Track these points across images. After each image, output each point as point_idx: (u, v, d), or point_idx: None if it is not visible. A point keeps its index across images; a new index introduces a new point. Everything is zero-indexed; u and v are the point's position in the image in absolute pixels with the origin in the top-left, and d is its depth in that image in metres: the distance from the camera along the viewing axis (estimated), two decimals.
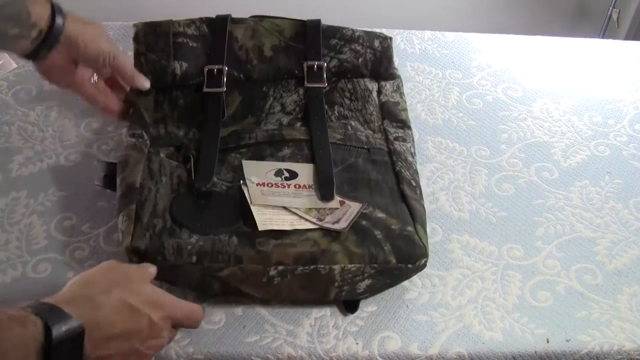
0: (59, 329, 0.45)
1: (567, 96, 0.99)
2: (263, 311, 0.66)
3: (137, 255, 0.62)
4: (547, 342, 0.64)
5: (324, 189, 0.71)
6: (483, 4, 1.84)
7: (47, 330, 0.45)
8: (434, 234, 0.75)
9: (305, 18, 0.87)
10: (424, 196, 0.78)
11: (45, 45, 0.70)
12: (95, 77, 0.78)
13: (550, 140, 0.90)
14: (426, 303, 0.67)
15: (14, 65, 0.96)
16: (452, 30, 1.14)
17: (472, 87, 1.00)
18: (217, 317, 0.65)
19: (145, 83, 0.78)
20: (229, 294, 0.64)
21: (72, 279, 0.54)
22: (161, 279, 0.63)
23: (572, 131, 0.92)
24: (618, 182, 0.84)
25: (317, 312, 0.66)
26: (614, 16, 1.74)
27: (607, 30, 1.80)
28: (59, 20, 0.69)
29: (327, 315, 0.66)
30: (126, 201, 0.66)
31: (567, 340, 0.65)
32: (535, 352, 0.64)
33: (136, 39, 0.81)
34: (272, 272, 0.62)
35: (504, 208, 0.79)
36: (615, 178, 0.85)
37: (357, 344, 0.63)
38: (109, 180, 0.71)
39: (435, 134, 0.90)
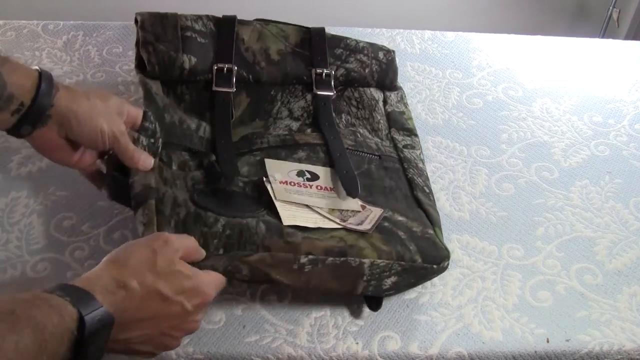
0: (92, 320, 0.46)
1: (567, 96, 0.99)
2: (263, 311, 0.66)
3: None
4: (547, 341, 0.64)
5: (348, 185, 0.71)
6: (483, 3, 1.84)
7: (81, 319, 0.45)
8: None
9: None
10: None
11: (28, 121, 0.59)
12: (99, 162, 0.69)
13: (551, 140, 0.90)
14: (426, 303, 0.67)
15: None
16: (452, 30, 1.14)
17: (472, 86, 1.00)
18: (217, 317, 0.65)
19: (148, 162, 0.66)
20: (256, 280, 0.63)
21: (108, 254, 0.53)
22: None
23: (572, 131, 0.92)
24: (618, 182, 0.84)
25: (317, 312, 0.66)
26: (614, 16, 1.74)
27: (607, 30, 1.80)
28: (43, 93, 0.59)
29: (327, 315, 0.66)
30: (143, 198, 0.63)
31: (567, 340, 0.65)
32: (535, 351, 0.64)
33: (143, 27, 0.78)
34: (303, 260, 0.61)
35: (504, 208, 0.79)
36: (615, 178, 0.85)
37: (357, 343, 0.63)
38: (123, 194, 0.66)
39: (435, 133, 0.90)
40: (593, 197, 0.81)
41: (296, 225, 0.65)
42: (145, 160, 0.66)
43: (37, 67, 0.61)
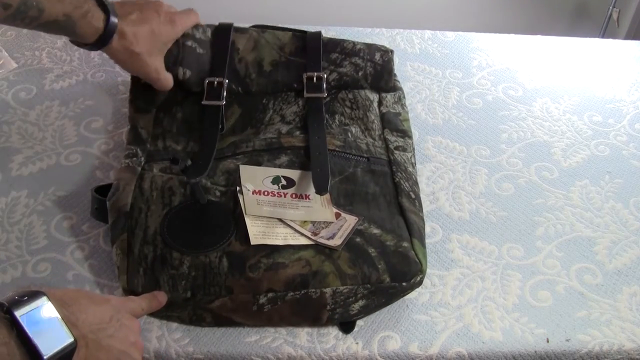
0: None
1: (567, 96, 0.99)
2: None
3: (134, 295, 0.63)
4: (547, 341, 0.64)
5: (318, 182, 0.70)
6: (483, 3, 1.84)
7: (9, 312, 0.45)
8: (434, 234, 0.75)
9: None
10: (424, 196, 0.78)
11: (82, 47, 0.75)
12: None
13: (551, 140, 0.90)
14: (426, 303, 0.67)
15: (14, 65, 0.97)
16: (452, 29, 1.14)
17: (472, 86, 1.00)
18: None
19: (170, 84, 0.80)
20: (221, 324, 0.64)
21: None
22: (157, 316, 0.64)
23: (572, 131, 0.92)
24: (618, 182, 0.84)
25: None
26: (614, 16, 1.74)
27: (607, 29, 1.80)
28: (100, 44, 0.72)
29: None
30: (118, 231, 0.67)
31: (567, 340, 0.65)
32: (535, 351, 0.64)
33: None
34: (262, 300, 0.62)
35: (504, 208, 0.79)
36: (615, 177, 0.85)
37: (357, 343, 0.63)
38: (100, 213, 0.71)
39: (435, 133, 0.90)
40: (593, 197, 0.81)
41: (263, 245, 0.64)
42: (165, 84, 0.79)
43: (107, 16, 0.71)
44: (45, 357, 0.45)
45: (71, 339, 0.47)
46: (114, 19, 0.72)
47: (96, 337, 0.51)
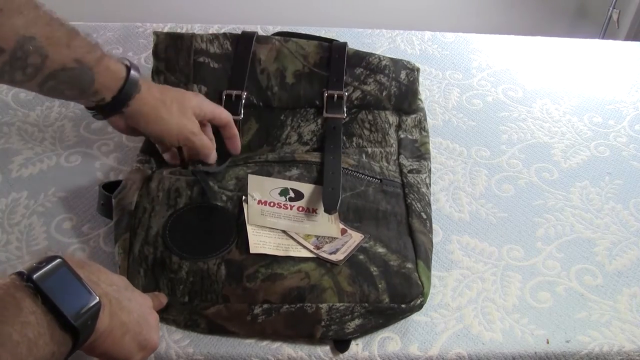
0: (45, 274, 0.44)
1: (567, 97, 0.99)
2: None
3: None
4: (547, 343, 0.64)
5: (328, 201, 0.69)
6: (483, 4, 1.84)
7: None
8: (435, 235, 0.75)
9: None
10: None
11: (103, 112, 0.69)
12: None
13: (551, 141, 0.90)
14: (426, 304, 0.67)
15: None
16: (452, 30, 1.14)
17: (472, 87, 1.00)
18: None
19: (214, 158, 0.75)
20: (215, 331, 0.63)
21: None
22: None
23: (572, 132, 0.92)
24: (618, 183, 0.84)
25: None
26: (614, 17, 1.75)
27: (607, 30, 1.80)
28: (123, 97, 0.66)
29: None
30: (121, 229, 0.67)
31: (567, 341, 0.65)
32: (535, 352, 0.64)
33: (156, 53, 0.80)
34: (257, 310, 0.62)
35: (504, 209, 0.79)
36: (615, 179, 0.85)
37: (357, 344, 0.63)
38: (106, 209, 0.71)
39: (435, 134, 0.90)
40: (593, 198, 0.81)
41: (264, 255, 0.64)
42: (214, 157, 0.75)
43: (127, 64, 0.67)
44: (74, 324, 0.43)
45: (96, 298, 0.46)
46: (134, 73, 0.66)
47: (118, 296, 0.50)
